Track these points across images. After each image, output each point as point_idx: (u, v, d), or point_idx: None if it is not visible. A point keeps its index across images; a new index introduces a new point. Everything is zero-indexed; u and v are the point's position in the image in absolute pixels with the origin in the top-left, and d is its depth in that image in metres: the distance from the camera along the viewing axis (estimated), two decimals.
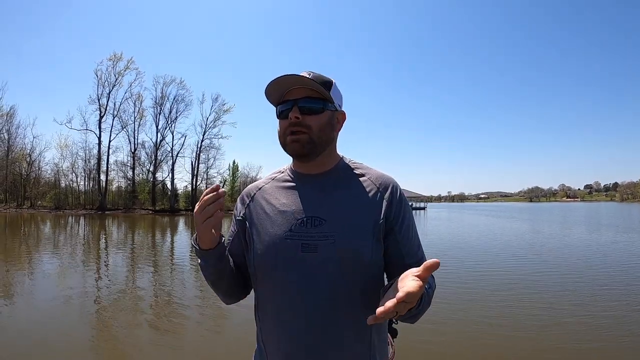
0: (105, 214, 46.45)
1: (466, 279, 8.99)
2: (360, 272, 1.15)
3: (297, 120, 1.17)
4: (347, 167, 1.30)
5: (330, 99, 1.21)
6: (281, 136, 1.22)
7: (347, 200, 1.20)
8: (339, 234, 1.14)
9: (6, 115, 56.22)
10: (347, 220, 1.16)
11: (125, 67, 53.59)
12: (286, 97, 1.20)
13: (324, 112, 1.20)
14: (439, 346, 4.98)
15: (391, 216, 1.20)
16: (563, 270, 10.21)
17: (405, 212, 1.24)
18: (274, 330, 1.19)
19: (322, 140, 1.20)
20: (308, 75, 1.18)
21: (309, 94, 1.18)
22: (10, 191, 56.04)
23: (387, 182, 1.25)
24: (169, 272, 10.62)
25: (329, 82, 1.21)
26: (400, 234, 1.21)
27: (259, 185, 1.35)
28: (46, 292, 7.87)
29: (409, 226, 1.24)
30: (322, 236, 1.14)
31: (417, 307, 1.02)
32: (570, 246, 15.54)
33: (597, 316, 6.07)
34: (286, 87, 1.19)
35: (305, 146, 1.17)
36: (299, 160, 1.25)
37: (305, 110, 1.17)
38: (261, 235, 1.21)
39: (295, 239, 1.16)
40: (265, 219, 1.23)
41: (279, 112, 1.23)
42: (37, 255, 12.95)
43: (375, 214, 1.18)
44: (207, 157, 57.89)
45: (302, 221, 1.17)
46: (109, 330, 5.62)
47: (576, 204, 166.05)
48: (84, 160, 57.37)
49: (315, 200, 1.21)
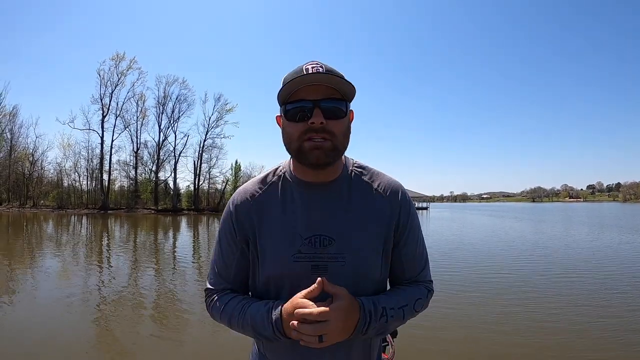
0: (107, 213, 46.49)
1: (468, 281, 8.93)
2: (369, 290, 1.11)
3: (322, 126, 1.01)
4: (354, 173, 1.19)
5: (351, 98, 1.09)
6: (294, 141, 1.05)
7: (356, 215, 1.12)
8: (349, 255, 1.08)
9: (9, 115, 56.55)
10: (357, 239, 1.10)
11: (127, 67, 53.65)
12: (300, 96, 1.03)
13: (346, 116, 1.07)
14: (439, 346, 4.94)
15: (399, 229, 1.16)
16: (571, 273, 10.14)
17: (413, 223, 1.20)
18: (282, 353, 1.14)
19: (344, 147, 1.09)
20: (321, 68, 1.04)
21: (331, 94, 1.04)
22: (13, 190, 56.21)
23: (396, 190, 1.18)
24: (171, 271, 10.57)
25: (344, 77, 1.06)
26: (405, 248, 1.18)
27: (252, 193, 1.18)
28: (48, 291, 7.84)
29: (414, 238, 1.20)
30: (331, 257, 1.08)
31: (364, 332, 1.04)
32: (579, 248, 15.41)
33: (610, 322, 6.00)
34: (300, 83, 1.03)
35: (329, 155, 1.04)
36: (317, 169, 1.09)
37: (329, 113, 1.03)
38: (266, 257, 1.12)
39: (304, 261, 1.08)
40: (268, 237, 1.12)
41: (288, 111, 1.06)
42: (39, 254, 12.93)
43: (384, 229, 1.14)
44: (209, 157, 57.84)
45: (311, 240, 1.09)
46: (111, 328, 5.57)
47: (579, 205, 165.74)
48: (87, 159, 57.51)
49: (322, 215, 1.11)
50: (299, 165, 1.13)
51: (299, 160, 1.09)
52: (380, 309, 1.05)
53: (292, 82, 1.01)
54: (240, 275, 1.20)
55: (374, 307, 1.05)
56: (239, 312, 1.10)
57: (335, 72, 1.06)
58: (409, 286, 1.19)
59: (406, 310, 1.11)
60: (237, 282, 1.20)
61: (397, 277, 1.22)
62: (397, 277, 1.22)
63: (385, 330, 1.09)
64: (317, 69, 1.03)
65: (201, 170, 57.00)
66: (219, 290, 1.20)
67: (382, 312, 1.05)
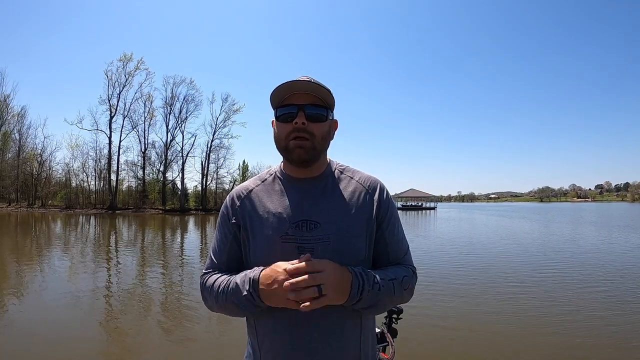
0: (115, 213, 46.74)
1: (472, 283, 8.81)
2: None
3: (303, 127, 1.17)
4: (336, 170, 1.32)
5: (332, 107, 1.24)
6: (282, 139, 1.21)
7: (338, 203, 1.23)
8: (333, 235, 1.17)
9: (17, 116, 57.07)
10: (341, 222, 1.19)
11: (135, 68, 53.82)
12: (289, 101, 1.19)
13: (326, 121, 1.22)
14: (438, 346, 4.92)
15: (380, 215, 1.26)
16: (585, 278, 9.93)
17: (392, 211, 1.30)
18: (269, 332, 1.19)
19: (323, 148, 1.23)
20: (308, 80, 1.19)
21: (314, 101, 1.19)
22: (21, 191, 56.64)
23: (374, 183, 1.31)
24: (178, 270, 10.58)
25: (330, 91, 1.22)
26: (387, 231, 1.27)
27: (248, 187, 1.33)
28: (56, 290, 7.82)
29: (394, 224, 1.29)
30: (317, 239, 1.16)
31: (359, 295, 1.10)
32: (595, 251, 15.17)
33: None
34: (289, 91, 1.18)
35: (309, 152, 1.19)
36: (300, 166, 1.24)
37: (310, 117, 1.18)
38: (256, 239, 1.22)
39: (291, 242, 1.17)
40: (259, 223, 1.23)
41: (279, 115, 1.21)
42: (47, 254, 12.97)
43: (366, 213, 1.23)
44: (217, 157, 58.11)
45: (298, 225, 1.19)
46: (119, 327, 5.55)
47: (587, 204, 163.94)
48: (95, 160, 57.75)
49: (307, 204, 1.22)
50: (287, 164, 1.28)
51: (286, 157, 1.24)
52: (372, 276, 1.13)
53: (284, 87, 1.17)
54: (232, 263, 1.28)
55: (363, 271, 1.13)
56: (225, 284, 1.18)
57: (320, 83, 1.20)
58: (395, 266, 1.27)
59: (395, 284, 1.17)
60: (229, 268, 1.27)
61: (383, 261, 1.28)
62: (383, 261, 1.28)
63: (377, 303, 1.14)
64: (306, 80, 1.19)
65: (209, 170, 57.32)
66: (214, 269, 1.29)
67: (374, 280, 1.13)
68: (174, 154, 56.90)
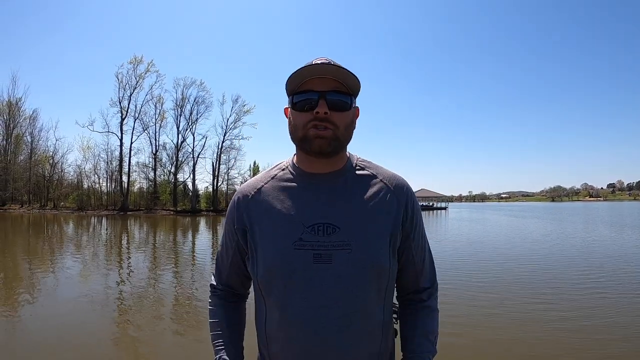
0: (127, 214, 47.00)
1: (477, 288, 8.53)
2: (377, 283, 1.07)
3: (325, 116, 1.03)
4: (357, 166, 1.16)
5: (357, 94, 1.11)
6: (299, 129, 1.06)
7: (361, 204, 1.08)
8: (355, 243, 1.03)
9: (29, 119, 57.70)
10: (364, 227, 1.06)
11: (145, 70, 53.96)
12: (308, 87, 1.05)
13: (350, 109, 1.09)
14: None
15: (407, 223, 1.12)
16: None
17: (419, 219, 1.18)
18: (283, 346, 1.07)
19: (346, 139, 1.09)
20: (328, 62, 1.06)
21: (337, 87, 1.05)
22: (33, 192, 57.29)
23: (400, 184, 1.15)
24: (190, 271, 10.49)
25: (355, 76, 1.07)
26: (414, 242, 1.15)
27: (256, 185, 1.17)
28: (69, 291, 7.76)
29: (421, 235, 1.18)
30: (337, 245, 1.03)
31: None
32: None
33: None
34: (308, 75, 1.04)
35: (332, 144, 1.04)
36: (320, 158, 1.08)
37: (333, 105, 1.04)
38: (266, 246, 1.08)
39: (306, 249, 1.03)
40: (269, 226, 1.09)
41: (296, 102, 1.07)
42: (60, 255, 12.95)
43: (392, 219, 1.09)
44: (227, 158, 58.02)
45: (313, 228, 1.04)
46: (131, 327, 5.46)
47: (600, 204, 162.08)
48: (106, 162, 58.17)
49: (325, 204, 1.08)
50: (303, 156, 1.13)
51: (303, 149, 1.09)
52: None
53: (302, 72, 1.04)
54: (234, 279, 1.24)
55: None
56: (213, 333, 1.24)
57: (342, 66, 1.07)
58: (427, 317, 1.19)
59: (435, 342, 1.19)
60: (230, 284, 1.26)
61: (410, 280, 1.20)
62: (410, 281, 1.20)
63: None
64: (325, 63, 1.06)
65: (219, 171, 57.29)
66: (217, 290, 1.28)
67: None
68: (184, 155, 57.10)
